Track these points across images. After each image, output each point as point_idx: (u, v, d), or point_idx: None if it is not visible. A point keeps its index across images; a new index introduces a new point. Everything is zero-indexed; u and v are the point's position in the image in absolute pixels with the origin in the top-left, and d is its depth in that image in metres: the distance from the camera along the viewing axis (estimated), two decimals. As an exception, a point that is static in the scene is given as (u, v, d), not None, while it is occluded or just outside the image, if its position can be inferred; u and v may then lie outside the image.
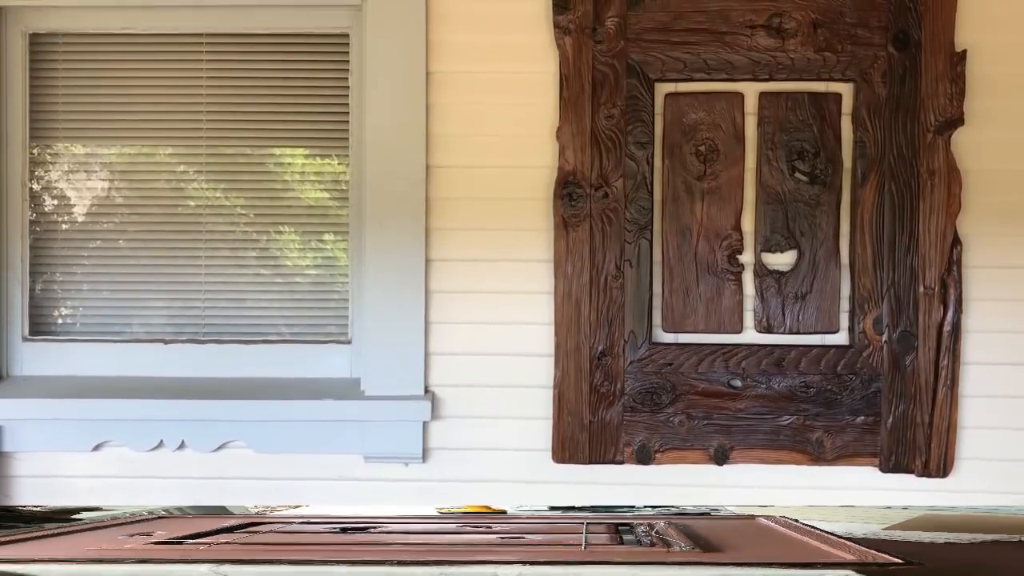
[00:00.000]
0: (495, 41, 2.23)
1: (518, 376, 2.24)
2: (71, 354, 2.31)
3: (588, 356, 2.21)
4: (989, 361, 2.22)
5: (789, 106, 2.23)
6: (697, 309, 2.23)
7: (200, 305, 2.34)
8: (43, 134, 2.33)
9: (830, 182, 2.22)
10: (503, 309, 2.24)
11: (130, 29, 2.30)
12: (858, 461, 2.21)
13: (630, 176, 2.21)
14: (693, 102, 2.23)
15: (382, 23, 2.21)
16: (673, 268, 2.23)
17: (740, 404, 2.22)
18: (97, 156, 2.34)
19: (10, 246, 2.31)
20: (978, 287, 2.21)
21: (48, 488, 2.27)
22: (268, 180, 2.34)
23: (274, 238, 2.34)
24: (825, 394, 2.21)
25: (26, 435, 2.23)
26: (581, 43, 2.21)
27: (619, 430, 2.22)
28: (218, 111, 2.32)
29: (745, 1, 2.20)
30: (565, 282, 2.21)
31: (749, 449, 2.22)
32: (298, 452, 2.23)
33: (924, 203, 2.19)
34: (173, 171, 2.34)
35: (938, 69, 2.19)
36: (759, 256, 2.23)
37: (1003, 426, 2.22)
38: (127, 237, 2.34)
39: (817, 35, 2.20)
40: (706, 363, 2.22)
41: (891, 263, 2.20)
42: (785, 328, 2.23)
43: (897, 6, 2.18)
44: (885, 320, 2.20)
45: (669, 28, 2.21)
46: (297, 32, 2.30)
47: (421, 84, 2.21)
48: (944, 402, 2.19)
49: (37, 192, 2.34)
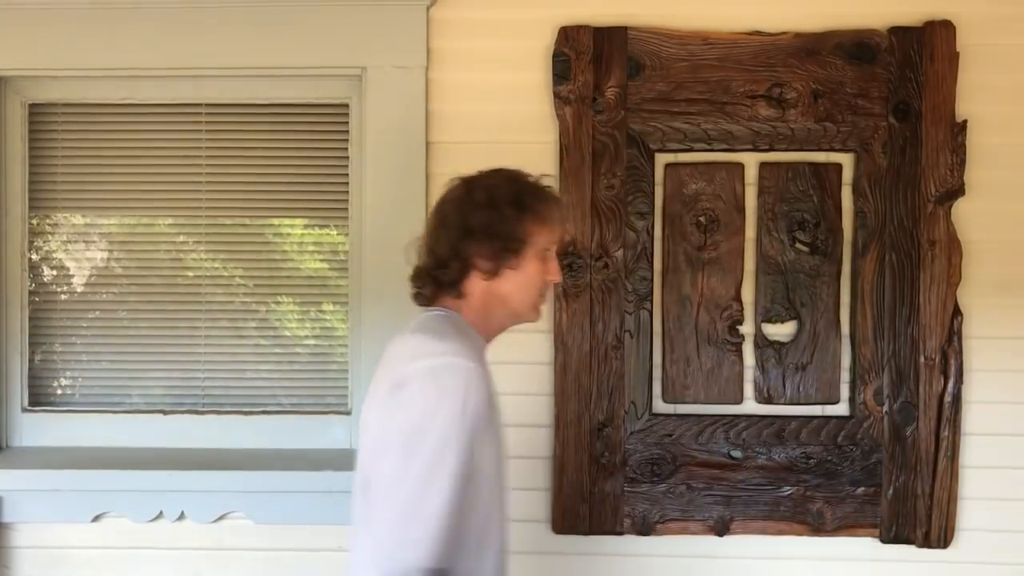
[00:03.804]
0: (495, 111, 2.22)
1: (518, 446, 2.22)
2: (70, 425, 2.31)
3: (588, 427, 2.21)
4: (989, 432, 2.21)
5: (789, 176, 2.22)
6: (697, 380, 2.23)
7: (199, 376, 2.34)
8: (42, 204, 2.33)
9: (831, 252, 2.22)
10: (503, 380, 2.18)
11: (129, 99, 2.29)
12: (859, 532, 2.21)
13: (630, 246, 2.21)
14: (693, 172, 2.23)
15: (382, 94, 2.20)
16: (673, 338, 2.23)
17: (740, 475, 2.21)
18: (96, 226, 2.34)
19: (9, 316, 2.31)
20: (979, 358, 2.21)
21: (48, 559, 2.27)
22: (267, 250, 2.34)
23: (273, 309, 2.34)
24: (826, 465, 2.21)
25: (26, 506, 2.23)
26: (581, 113, 2.20)
27: (619, 501, 2.21)
28: (217, 181, 2.32)
29: (745, 71, 2.20)
30: (565, 353, 2.21)
31: (750, 520, 2.21)
32: (298, 523, 2.23)
33: (925, 273, 2.19)
34: (172, 241, 2.34)
35: (939, 139, 2.18)
36: (759, 327, 2.23)
37: (1004, 497, 2.22)
38: (126, 308, 2.34)
39: (817, 105, 2.19)
40: (706, 434, 2.21)
41: (892, 333, 2.19)
42: (785, 399, 2.23)
43: (898, 77, 2.18)
44: (886, 391, 2.19)
45: (669, 98, 2.20)
46: (297, 102, 2.30)
47: (421, 154, 2.20)
48: (945, 473, 2.19)
49: (36, 262, 2.34)
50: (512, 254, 1.49)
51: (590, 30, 2.19)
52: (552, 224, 1.54)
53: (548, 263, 1.55)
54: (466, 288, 1.51)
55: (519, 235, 1.49)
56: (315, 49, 2.20)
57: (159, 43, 2.21)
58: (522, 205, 1.50)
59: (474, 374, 1.37)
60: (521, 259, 1.50)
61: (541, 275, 1.53)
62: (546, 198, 1.55)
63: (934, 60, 2.17)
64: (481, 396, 1.38)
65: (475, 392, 1.36)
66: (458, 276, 1.51)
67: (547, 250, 1.54)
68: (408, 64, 2.20)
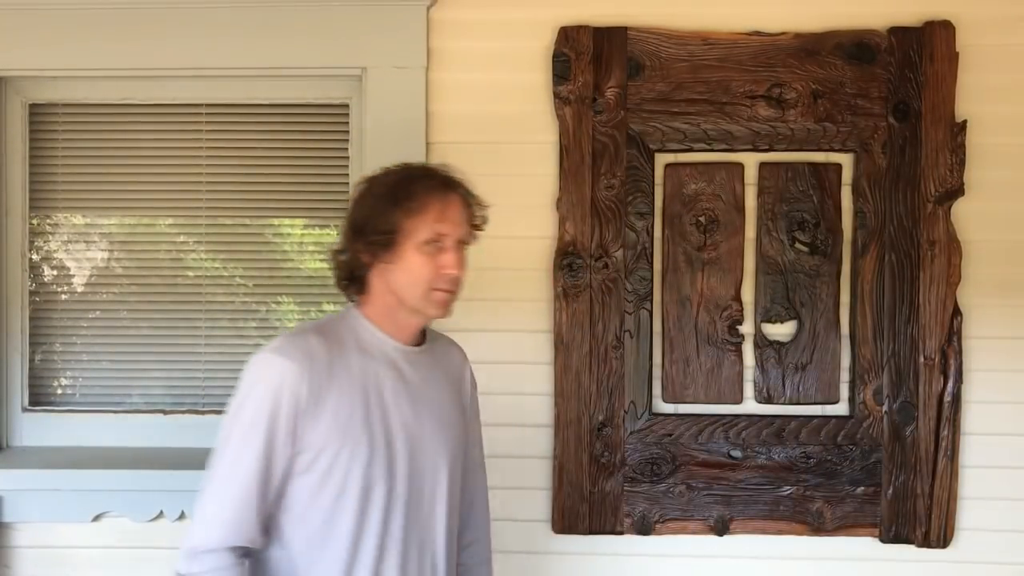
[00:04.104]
0: (495, 112, 2.22)
1: (518, 446, 2.24)
2: (71, 424, 2.31)
3: (588, 427, 2.21)
4: (989, 431, 2.21)
5: (789, 176, 2.23)
6: (697, 379, 2.23)
7: (200, 375, 2.34)
8: (43, 204, 2.33)
9: (830, 252, 2.22)
10: (503, 380, 2.23)
11: (130, 100, 2.30)
12: (858, 532, 2.21)
13: (630, 246, 2.21)
14: (693, 172, 2.23)
15: (382, 94, 2.20)
16: (673, 339, 2.23)
17: (740, 475, 2.21)
18: (96, 226, 2.34)
19: (10, 316, 2.31)
20: (978, 358, 2.21)
21: (48, 559, 2.27)
22: (267, 250, 2.34)
23: (273, 308, 2.34)
24: (825, 464, 2.21)
25: (26, 506, 2.23)
26: (581, 113, 2.20)
27: (619, 501, 2.21)
28: (217, 181, 2.32)
29: (745, 72, 2.20)
30: (565, 353, 2.21)
31: (749, 520, 2.21)
32: (298, 523, 2.23)
33: (924, 273, 2.19)
34: (172, 241, 2.35)
35: (938, 139, 2.18)
36: (759, 327, 2.23)
37: (1003, 497, 2.22)
38: (127, 308, 2.34)
39: (817, 106, 2.19)
40: (706, 433, 2.22)
41: (891, 333, 2.19)
42: (785, 399, 2.23)
43: (898, 77, 2.18)
44: (885, 390, 2.20)
45: (669, 98, 2.20)
46: (297, 103, 2.30)
47: (421, 155, 2.20)
48: (944, 473, 2.19)
49: (37, 262, 2.35)
50: (384, 248, 1.49)
51: (590, 30, 2.19)
52: (428, 215, 1.48)
53: (441, 255, 1.49)
54: (369, 283, 1.54)
55: (389, 228, 1.48)
56: (315, 49, 2.20)
57: (159, 43, 2.21)
58: (393, 198, 1.49)
59: (277, 369, 1.41)
60: (397, 252, 1.49)
61: (427, 268, 1.49)
62: (424, 189, 1.50)
63: (934, 60, 2.17)
64: (278, 389, 1.40)
65: (270, 384, 1.40)
66: (352, 271, 1.54)
67: (433, 242, 1.49)
68: (408, 64, 2.20)
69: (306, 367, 1.42)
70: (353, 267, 1.54)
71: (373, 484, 1.46)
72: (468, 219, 1.54)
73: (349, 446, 1.44)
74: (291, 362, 1.41)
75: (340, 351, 1.48)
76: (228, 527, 1.40)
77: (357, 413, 1.46)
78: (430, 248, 1.49)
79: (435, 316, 1.54)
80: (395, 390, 1.51)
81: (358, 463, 1.44)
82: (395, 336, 1.55)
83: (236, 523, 1.40)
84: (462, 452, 1.64)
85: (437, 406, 1.58)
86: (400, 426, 1.50)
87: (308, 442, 1.42)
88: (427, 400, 1.56)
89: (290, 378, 1.41)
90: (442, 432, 1.57)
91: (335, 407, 1.44)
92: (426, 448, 1.53)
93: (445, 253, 1.50)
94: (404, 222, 1.48)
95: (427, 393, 1.56)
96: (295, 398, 1.41)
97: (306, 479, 1.44)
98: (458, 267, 1.51)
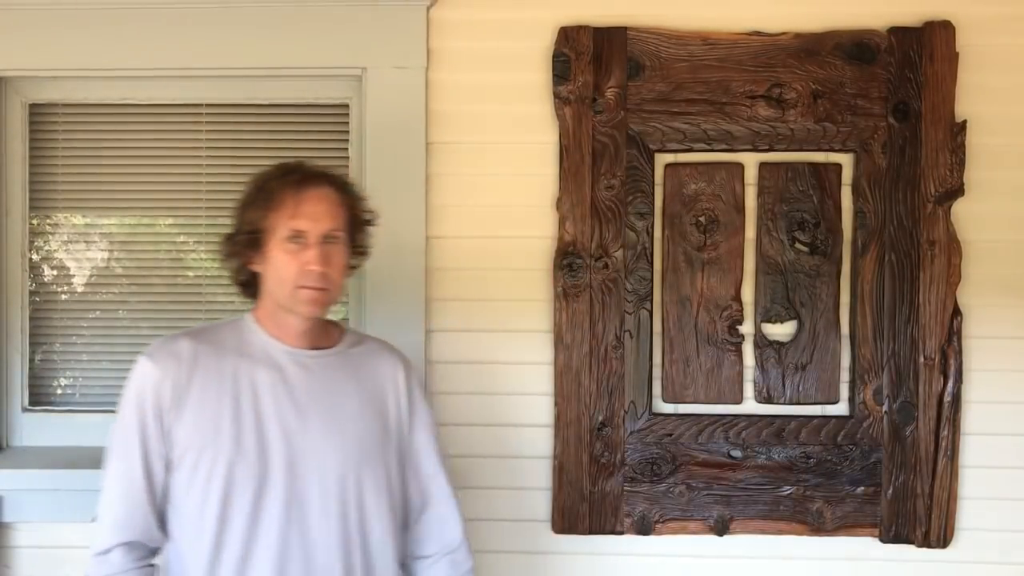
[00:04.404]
0: (495, 111, 2.22)
1: (518, 446, 2.24)
2: (71, 424, 2.31)
3: (588, 426, 2.21)
4: (989, 432, 2.21)
5: (789, 176, 2.22)
6: (697, 379, 2.23)
7: (200, 375, 2.33)
8: (43, 204, 2.33)
9: (830, 252, 2.22)
10: (503, 379, 2.24)
11: (130, 100, 2.29)
12: (858, 532, 2.21)
13: (630, 246, 2.21)
14: (693, 172, 2.23)
15: (382, 93, 2.20)
16: (673, 339, 2.23)
17: (740, 475, 2.21)
18: (96, 226, 2.34)
19: (10, 316, 2.31)
20: (978, 358, 2.21)
21: (48, 559, 2.27)
22: (267, 250, 2.34)
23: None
24: (825, 464, 2.21)
25: (26, 505, 2.23)
26: (581, 113, 2.20)
27: (619, 501, 2.21)
28: (217, 181, 2.31)
29: (745, 72, 2.20)
30: (565, 353, 2.21)
31: (749, 520, 2.21)
32: (298, 523, 2.23)
33: (924, 273, 2.19)
34: (172, 241, 2.34)
35: (938, 139, 2.18)
36: (759, 326, 2.23)
37: (1003, 497, 2.22)
38: (127, 308, 2.34)
39: (817, 106, 2.19)
40: (706, 433, 2.22)
41: (891, 333, 2.19)
42: (785, 398, 2.23)
43: (897, 77, 2.18)
44: (885, 390, 2.20)
45: (669, 99, 2.20)
46: (297, 102, 2.29)
47: (421, 154, 2.21)
48: (944, 473, 2.19)
49: (36, 262, 2.34)
50: (251, 248, 1.53)
51: (590, 30, 2.19)
52: (284, 212, 1.50)
53: (304, 251, 1.50)
54: (259, 286, 1.58)
55: (251, 228, 1.52)
56: (315, 49, 2.20)
57: (159, 43, 2.20)
58: (253, 199, 1.54)
59: (142, 371, 1.52)
60: (264, 252, 1.52)
61: (291, 266, 1.50)
62: (279, 187, 1.53)
63: (934, 60, 2.17)
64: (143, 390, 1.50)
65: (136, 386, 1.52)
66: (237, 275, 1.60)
67: (294, 239, 1.50)
68: (408, 64, 2.20)
69: (170, 368, 1.50)
70: (234, 271, 1.59)
71: (237, 485, 1.48)
72: (335, 214, 1.54)
73: (212, 446, 1.48)
74: (153, 364, 1.51)
75: (213, 353, 1.52)
76: (120, 526, 1.50)
77: (225, 414, 1.49)
78: (292, 245, 1.50)
79: (308, 314, 1.54)
80: (275, 394, 1.52)
81: (221, 463, 1.48)
82: (282, 338, 1.56)
83: (127, 521, 1.49)
84: (377, 461, 1.59)
85: (334, 412, 1.56)
86: (278, 430, 1.51)
87: (176, 439, 1.49)
88: (321, 405, 1.54)
89: (151, 380, 1.50)
90: (337, 439, 1.54)
91: (198, 407, 1.49)
92: (312, 454, 1.52)
93: (308, 249, 1.50)
94: (263, 221, 1.51)
95: (323, 398, 1.55)
96: (158, 397, 1.49)
97: (179, 474, 1.50)
98: (320, 263, 1.50)
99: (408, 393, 1.68)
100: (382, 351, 1.70)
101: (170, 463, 1.51)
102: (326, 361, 1.59)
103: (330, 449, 1.53)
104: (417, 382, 1.73)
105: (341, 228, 1.56)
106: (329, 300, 1.56)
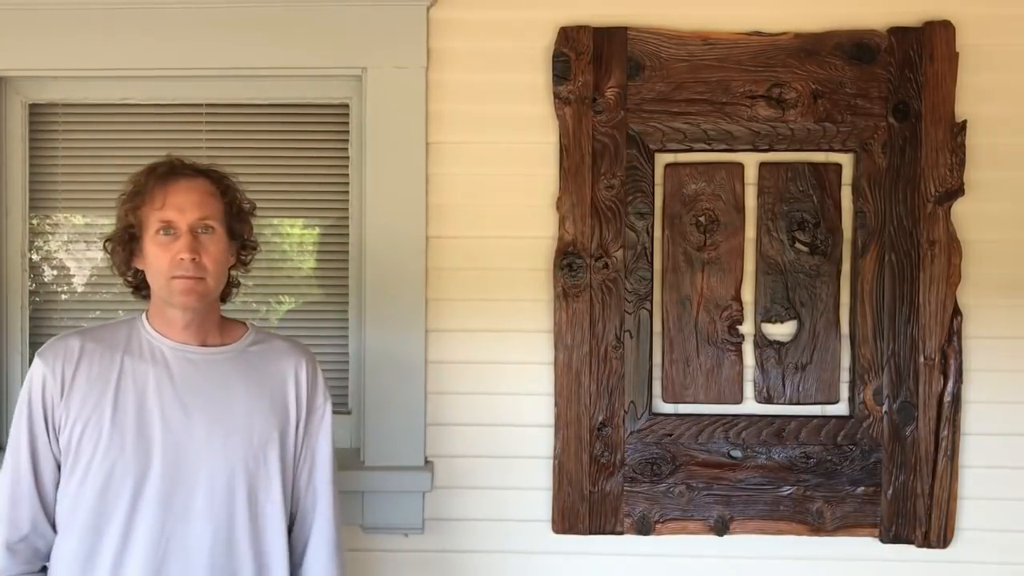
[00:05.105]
0: (495, 111, 2.22)
1: (518, 446, 2.24)
2: (71, 424, 2.31)
3: (588, 426, 2.21)
4: (989, 432, 2.21)
5: (789, 176, 2.22)
6: (697, 379, 2.23)
7: (200, 375, 2.33)
8: (43, 204, 2.33)
9: (830, 252, 2.22)
10: (503, 379, 2.24)
11: (129, 99, 2.29)
12: (858, 532, 2.21)
13: (630, 246, 2.21)
14: (693, 172, 2.23)
15: (382, 94, 2.20)
16: (673, 339, 2.23)
17: (740, 475, 2.21)
18: (96, 226, 2.34)
19: (10, 316, 2.30)
20: (978, 358, 2.21)
21: (48, 559, 2.26)
22: (267, 250, 2.33)
23: (274, 308, 2.34)
24: (825, 464, 2.21)
25: (26, 505, 2.23)
26: (581, 113, 2.20)
27: (619, 501, 2.21)
28: (217, 181, 2.32)
29: (745, 72, 2.20)
30: (565, 352, 2.21)
31: (749, 520, 2.21)
32: (298, 523, 2.23)
33: (924, 273, 2.19)
34: (173, 241, 2.34)
35: (938, 139, 2.18)
36: (759, 326, 2.23)
37: (1003, 497, 2.22)
38: (126, 308, 2.33)
39: (817, 106, 2.19)
40: (706, 433, 2.22)
41: (891, 333, 2.19)
42: (785, 398, 2.23)
43: (897, 77, 2.18)
44: (885, 391, 2.20)
45: (669, 99, 2.20)
46: (297, 102, 2.29)
47: (421, 154, 2.20)
48: (944, 473, 2.19)
49: (36, 262, 2.34)
50: (127, 245, 1.56)
51: (590, 30, 2.19)
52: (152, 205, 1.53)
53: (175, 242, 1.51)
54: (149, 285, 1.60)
55: (125, 224, 1.56)
56: (315, 49, 2.20)
57: (159, 43, 2.20)
58: (124, 196, 1.58)
59: (32, 369, 1.55)
60: (141, 248, 1.55)
61: (163, 258, 1.52)
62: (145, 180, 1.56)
63: (934, 60, 2.17)
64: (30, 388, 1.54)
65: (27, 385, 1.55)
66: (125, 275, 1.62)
67: (164, 231, 1.52)
68: (408, 64, 2.20)
69: (57, 366, 1.53)
70: (120, 271, 1.61)
71: (115, 481, 1.50)
72: (206, 203, 1.55)
73: (92, 442, 1.50)
74: (42, 362, 1.54)
75: (101, 351, 1.55)
76: (8, 523, 1.53)
77: (107, 411, 1.51)
78: (164, 237, 1.52)
79: (184, 305, 1.55)
80: (160, 391, 1.53)
81: (99, 458, 1.50)
82: (168, 334, 1.58)
83: (15, 517, 1.52)
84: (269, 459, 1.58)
85: (220, 408, 1.56)
86: (161, 426, 1.52)
87: (62, 435, 1.52)
88: (207, 401, 1.55)
89: (39, 377, 1.53)
90: (223, 436, 1.54)
91: (81, 404, 1.51)
92: (196, 451, 1.53)
93: (178, 240, 1.52)
94: (134, 216, 1.55)
95: (210, 395, 1.56)
96: (43, 394, 1.53)
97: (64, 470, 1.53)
98: (189, 251, 1.51)
99: (309, 390, 1.66)
100: (284, 349, 1.68)
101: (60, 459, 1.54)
102: (216, 359, 1.59)
103: (216, 446, 1.53)
104: (322, 381, 1.70)
105: (213, 217, 1.56)
106: (206, 290, 1.55)
